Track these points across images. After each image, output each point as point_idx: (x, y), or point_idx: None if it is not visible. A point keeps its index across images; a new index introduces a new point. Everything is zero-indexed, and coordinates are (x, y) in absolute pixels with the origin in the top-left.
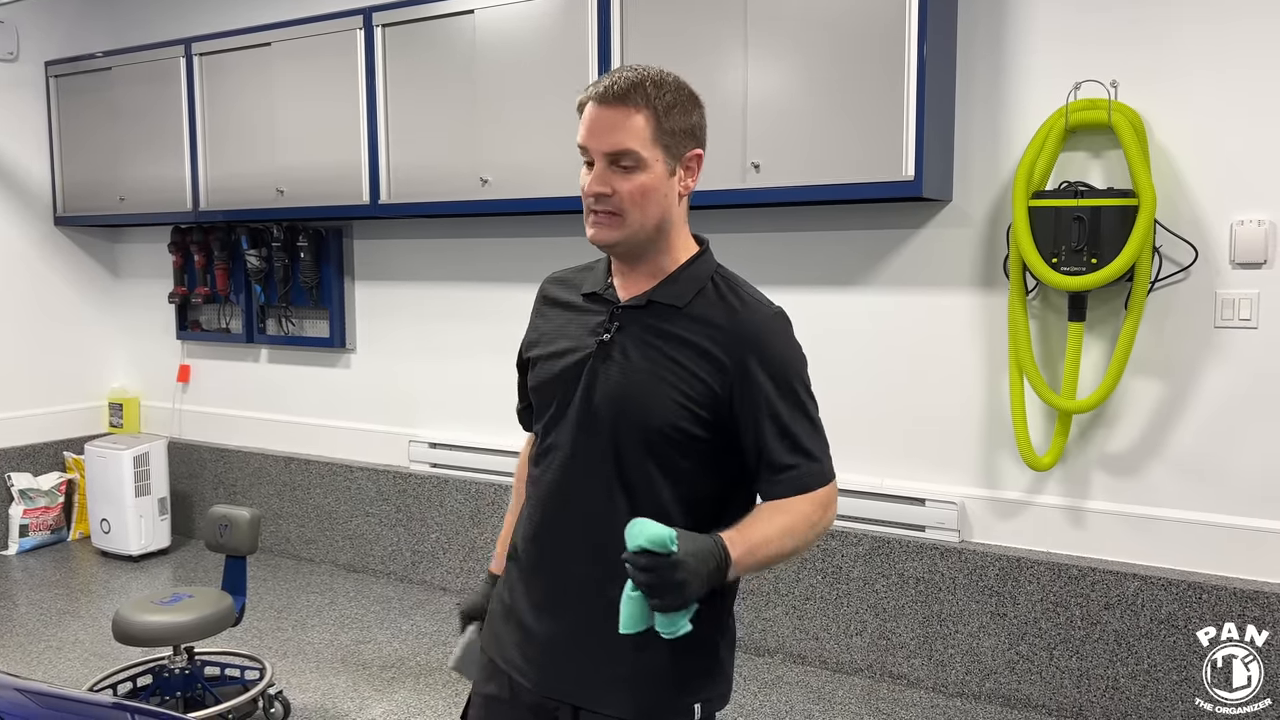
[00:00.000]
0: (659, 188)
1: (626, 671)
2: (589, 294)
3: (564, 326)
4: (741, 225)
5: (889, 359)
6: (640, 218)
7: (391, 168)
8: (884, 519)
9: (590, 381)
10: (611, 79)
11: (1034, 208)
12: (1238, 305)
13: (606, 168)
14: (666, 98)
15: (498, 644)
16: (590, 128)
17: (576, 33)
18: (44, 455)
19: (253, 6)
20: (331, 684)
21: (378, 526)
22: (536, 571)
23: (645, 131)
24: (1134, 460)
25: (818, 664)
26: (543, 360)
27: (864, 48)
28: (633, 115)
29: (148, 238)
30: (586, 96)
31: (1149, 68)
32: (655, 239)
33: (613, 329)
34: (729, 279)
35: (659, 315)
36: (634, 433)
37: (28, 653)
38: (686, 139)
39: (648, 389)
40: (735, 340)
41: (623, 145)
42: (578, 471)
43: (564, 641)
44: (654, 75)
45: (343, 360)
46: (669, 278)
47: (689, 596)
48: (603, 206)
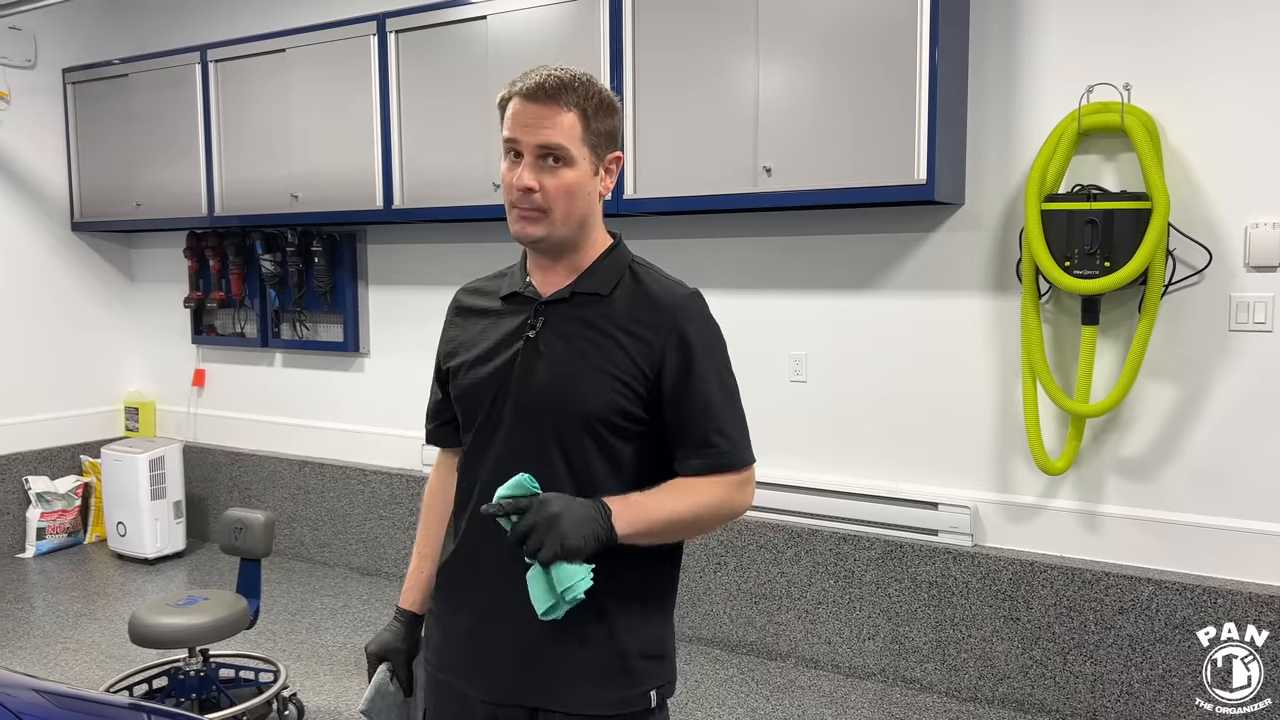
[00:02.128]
0: (584, 186)
1: (582, 668)
2: (508, 295)
3: (485, 332)
4: (753, 229)
5: (901, 363)
6: (564, 214)
7: (405, 173)
8: (897, 523)
9: (523, 377)
10: (542, 76)
11: (1047, 211)
12: (1252, 308)
13: (535, 162)
14: (594, 100)
15: (440, 658)
16: (522, 122)
17: (589, 38)
18: (61, 459)
19: (268, 14)
20: (345, 686)
21: (391, 530)
22: (476, 577)
23: (575, 130)
24: (1148, 464)
25: (830, 668)
26: (466, 367)
27: (876, 51)
28: (563, 113)
29: (163, 243)
30: (513, 91)
31: (1162, 70)
32: (577, 236)
33: (538, 324)
34: (645, 266)
35: (582, 305)
36: (573, 422)
37: (45, 654)
38: (609, 142)
39: (580, 377)
40: (658, 323)
41: (556, 140)
42: (516, 469)
43: (512, 644)
44: (582, 77)
45: (356, 364)
46: (588, 269)
47: (568, 540)
48: (528, 203)
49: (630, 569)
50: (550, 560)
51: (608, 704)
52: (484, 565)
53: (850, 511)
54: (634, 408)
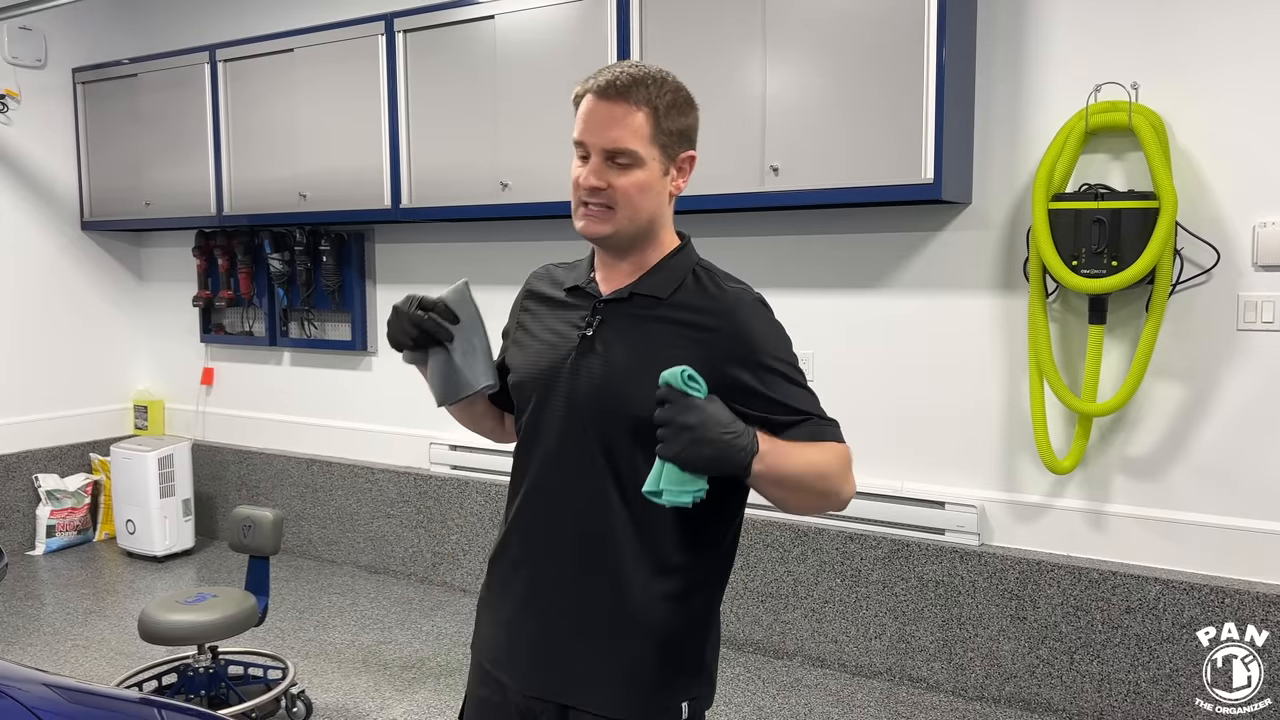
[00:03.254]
0: (653, 185)
1: (614, 670)
2: (571, 289)
3: (546, 322)
4: (760, 228)
5: (908, 362)
6: (631, 213)
7: (413, 172)
8: (903, 522)
9: (574, 375)
10: (613, 73)
11: (1054, 210)
12: (1260, 308)
13: (603, 163)
14: (666, 98)
15: (485, 646)
16: (589, 122)
17: (596, 37)
18: (70, 457)
19: (276, 13)
20: (353, 684)
21: (399, 528)
22: (519, 567)
23: (644, 130)
24: (1155, 463)
25: (837, 667)
26: (524, 355)
27: (883, 49)
28: (633, 113)
29: (172, 242)
30: (585, 89)
31: (1170, 69)
32: (644, 235)
33: (594, 323)
34: (710, 270)
35: (641, 306)
36: (620, 424)
37: (55, 651)
38: (682, 140)
39: (631, 379)
40: (720, 326)
41: (622, 144)
42: (563, 465)
43: (548, 638)
44: (655, 74)
45: (364, 363)
46: (651, 270)
47: (685, 453)
48: (596, 200)
49: (678, 576)
50: (666, 459)
51: (637, 709)
52: (527, 556)
53: (857, 510)
54: None
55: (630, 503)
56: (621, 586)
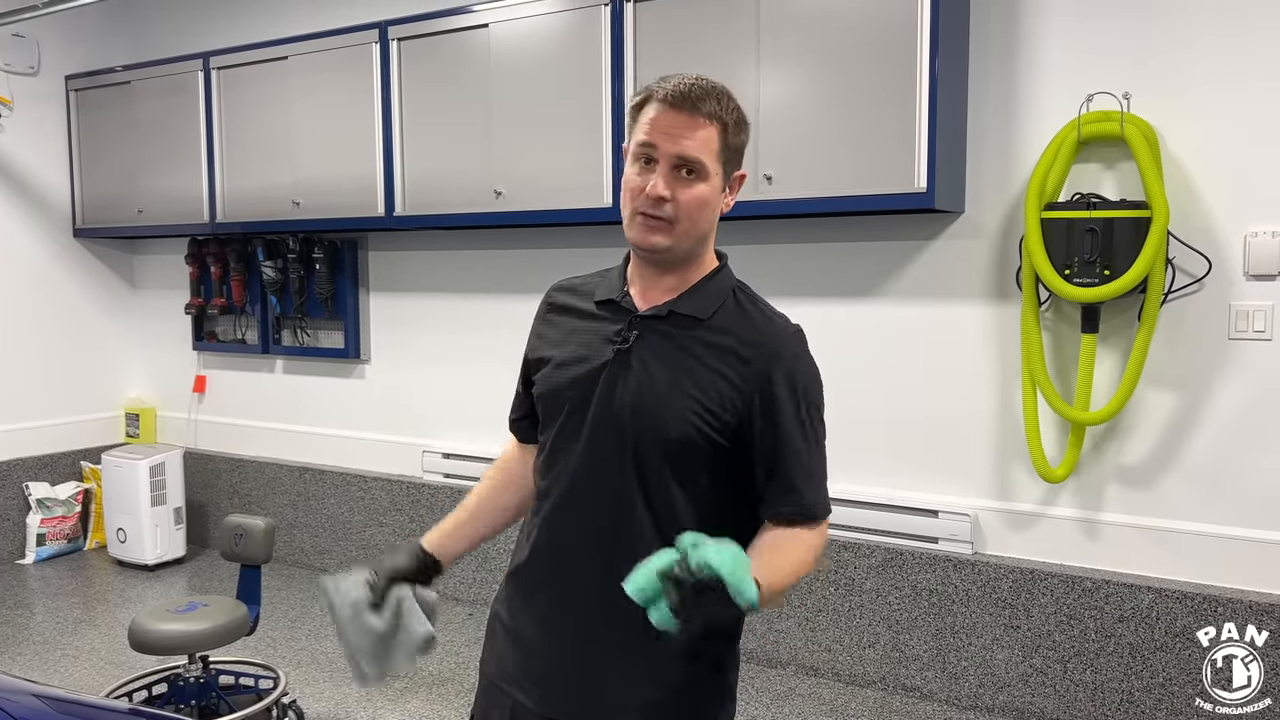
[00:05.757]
0: (713, 202)
1: (644, 694)
2: (603, 301)
3: (575, 334)
4: (753, 237)
5: (901, 371)
6: (691, 228)
7: (406, 180)
8: (897, 531)
9: (608, 390)
10: (685, 84)
11: (1046, 219)
12: (1252, 317)
13: (670, 172)
14: (734, 114)
15: (499, 665)
16: (662, 129)
17: (590, 46)
18: (61, 465)
19: (270, 21)
20: (345, 693)
21: (391, 536)
22: (542, 586)
23: (714, 144)
24: (1148, 472)
25: (830, 676)
26: (552, 366)
27: (876, 59)
28: (706, 125)
29: (165, 249)
30: (654, 95)
31: (1162, 79)
32: (695, 251)
33: (631, 338)
34: (749, 295)
35: (679, 326)
36: (654, 443)
37: (44, 661)
38: (738, 158)
39: (667, 400)
40: (757, 356)
41: (695, 154)
42: (591, 482)
43: (570, 659)
44: (723, 89)
45: (357, 371)
46: (691, 289)
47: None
48: (658, 211)
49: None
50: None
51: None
52: (552, 575)
53: (850, 519)
54: (714, 438)
55: (659, 523)
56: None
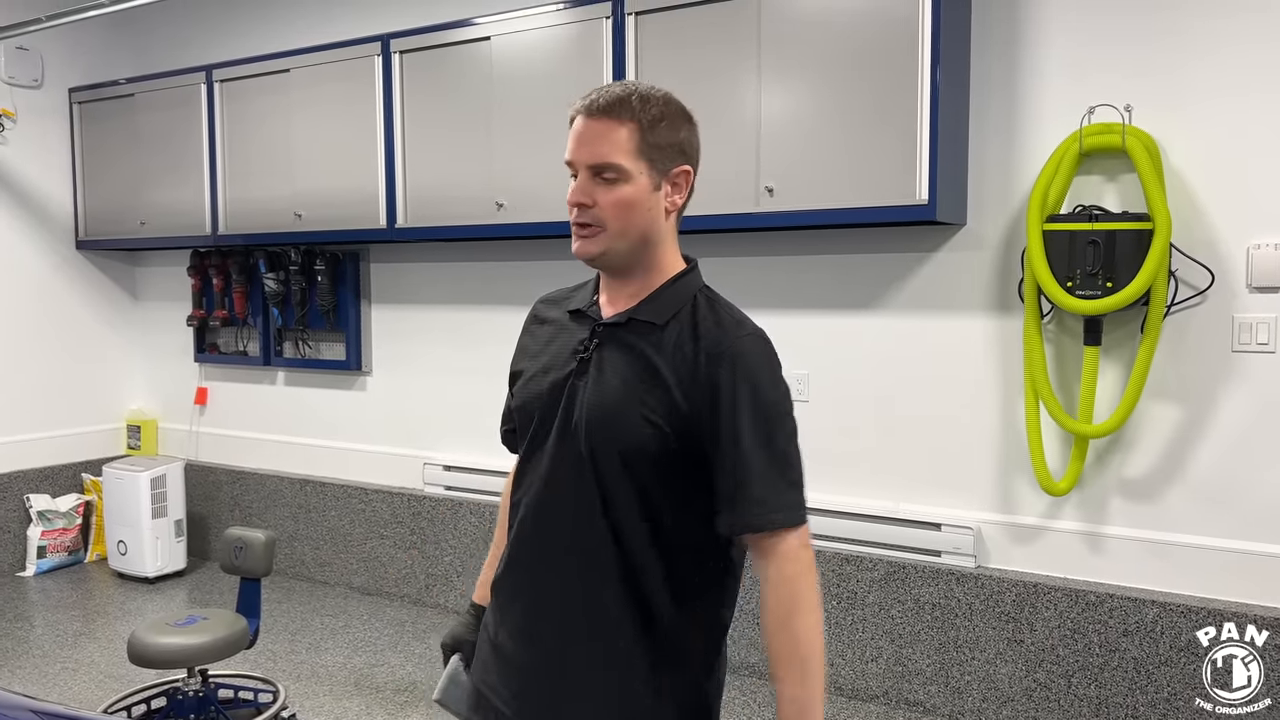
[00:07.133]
0: (642, 201)
1: (610, 708)
2: (574, 311)
3: (548, 345)
4: (755, 249)
5: (904, 383)
6: (620, 230)
7: (408, 192)
8: (899, 544)
9: (570, 400)
10: (599, 93)
11: (1049, 231)
12: (1255, 329)
13: (589, 179)
14: (652, 111)
15: (484, 673)
16: (575, 140)
17: (592, 59)
18: (62, 477)
19: (272, 34)
20: (345, 707)
21: (392, 549)
22: (516, 597)
23: (629, 144)
24: (1151, 485)
25: (833, 690)
26: (525, 378)
27: (877, 71)
28: (617, 128)
29: (167, 261)
30: (575, 110)
31: (1163, 91)
32: (640, 254)
33: (591, 346)
34: (712, 299)
35: (637, 332)
36: (609, 451)
37: (44, 674)
38: (674, 154)
39: (621, 407)
40: (710, 359)
41: (605, 158)
42: (557, 492)
43: (545, 669)
44: (642, 89)
45: (359, 383)
46: (650, 295)
47: None
48: (584, 218)
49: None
50: None
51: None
52: (526, 584)
53: (852, 532)
54: (671, 443)
55: (618, 532)
56: (615, 625)
